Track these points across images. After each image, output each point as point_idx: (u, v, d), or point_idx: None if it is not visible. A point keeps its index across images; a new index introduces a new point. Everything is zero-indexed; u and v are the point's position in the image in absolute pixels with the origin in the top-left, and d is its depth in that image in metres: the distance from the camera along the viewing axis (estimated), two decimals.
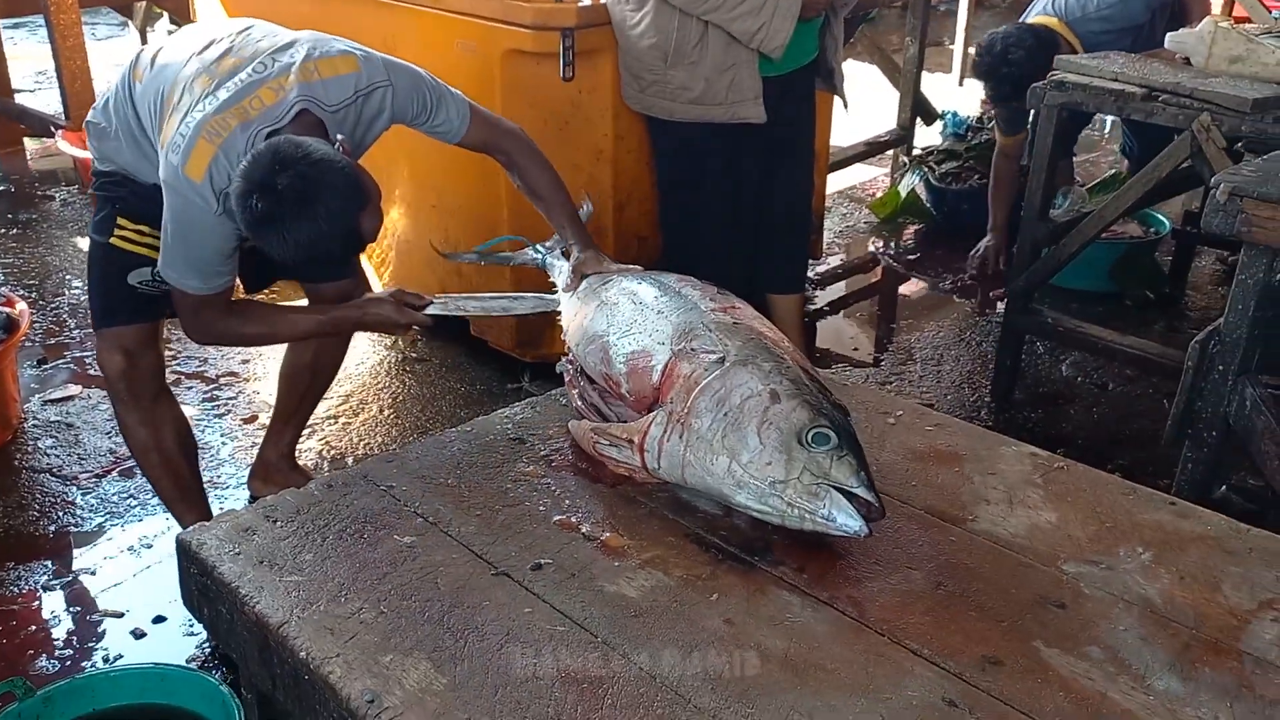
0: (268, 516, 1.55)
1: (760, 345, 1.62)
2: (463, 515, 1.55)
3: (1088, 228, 3.18)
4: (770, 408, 1.49)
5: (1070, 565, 1.45)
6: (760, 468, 1.45)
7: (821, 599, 1.38)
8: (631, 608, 1.36)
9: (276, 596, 1.38)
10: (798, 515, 1.43)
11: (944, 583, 1.41)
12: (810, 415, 1.48)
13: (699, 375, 1.57)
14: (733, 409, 1.51)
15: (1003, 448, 1.75)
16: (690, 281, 1.80)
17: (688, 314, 1.69)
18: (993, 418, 3.34)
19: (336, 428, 3.14)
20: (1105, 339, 3.23)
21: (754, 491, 1.46)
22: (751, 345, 1.62)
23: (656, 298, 1.75)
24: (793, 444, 1.45)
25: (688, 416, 1.54)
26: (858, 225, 5.09)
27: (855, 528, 1.41)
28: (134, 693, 1.87)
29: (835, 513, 1.41)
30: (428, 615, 1.34)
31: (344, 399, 3.30)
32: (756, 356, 1.58)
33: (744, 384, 1.53)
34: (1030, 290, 3.34)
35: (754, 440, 1.47)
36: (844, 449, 1.45)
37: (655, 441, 1.57)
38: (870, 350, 3.89)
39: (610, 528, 1.53)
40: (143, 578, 2.51)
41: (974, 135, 4.99)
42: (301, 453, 3.00)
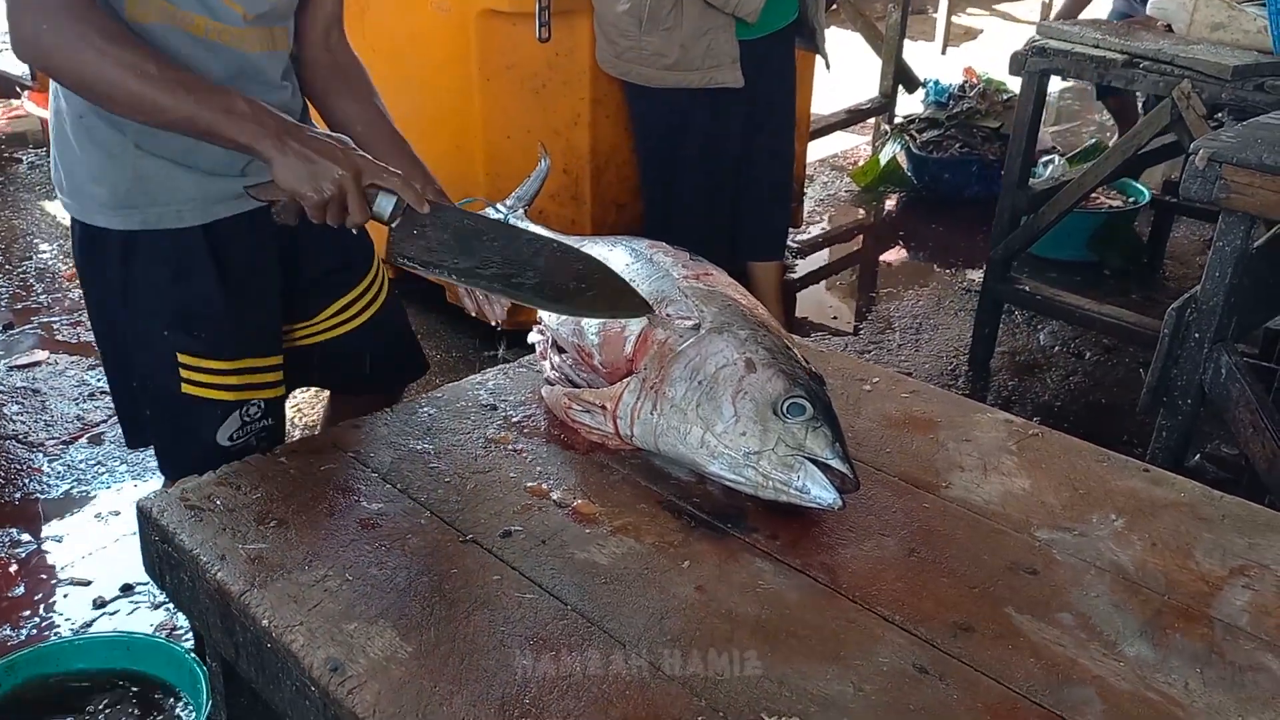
0: (230, 483, 1.52)
1: (736, 312, 1.60)
2: (432, 482, 1.53)
3: (1067, 196, 3.17)
4: (745, 377, 1.47)
5: (1043, 532, 1.45)
6: (734, 438, 1.44)
7: (794, 566, 1.37)
8: (602, 575, 1.35)
9: (238, 564, 1.36)
10: (772, 487, 1.42)
11: (917, 549, 1.41)
12: (786, 385, 1.46)
13: (674, 342, 1.55)
14: (707, 378, 1.49)
15: (978, 414, 1.74)
16: (662, 247, 1.78)
17: (660, 281, 1.67)
18: (970, 386, 3.34)
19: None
20: (1083, 308, 3.23)
21: (728, 462, 1.45)
22: (728, 312, 1.60)
23: (628, 265, 1.72)
24: (768, 414, 1.44)
25: (661, 385, 1.52)
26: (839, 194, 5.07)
27: (829, 500, 1.40)
28: (99, 660, 1.85)
29: (809, 485, 1.41)
30: (394, 583, 1.33)
31: None
32: (732, 324, 1.56)
33: (719, 352, 1.51)
34: (1009, 259, 3.33)
35: (728, 410, 1.45)
36: (819, 419, 1.44)
37: (628, 409, 1.55)
38: (849, 319, 3.88)
39: (582, 494, 1.51)
40: (110, 546, 2.49)
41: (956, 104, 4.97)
42: None
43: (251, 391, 1.70)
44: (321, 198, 1.39)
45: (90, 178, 1.57)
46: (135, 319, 1.63)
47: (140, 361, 1.67)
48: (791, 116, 3.38)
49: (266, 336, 1.74)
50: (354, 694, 1.16)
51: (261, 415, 1.72)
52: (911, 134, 4.97)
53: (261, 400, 1.72)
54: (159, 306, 1.62)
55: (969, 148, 4.82)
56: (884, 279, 4.30)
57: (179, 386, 1.64)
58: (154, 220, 1.58)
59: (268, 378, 1.73)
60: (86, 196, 1.58)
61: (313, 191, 1.39)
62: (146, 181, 1.56)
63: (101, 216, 1.58)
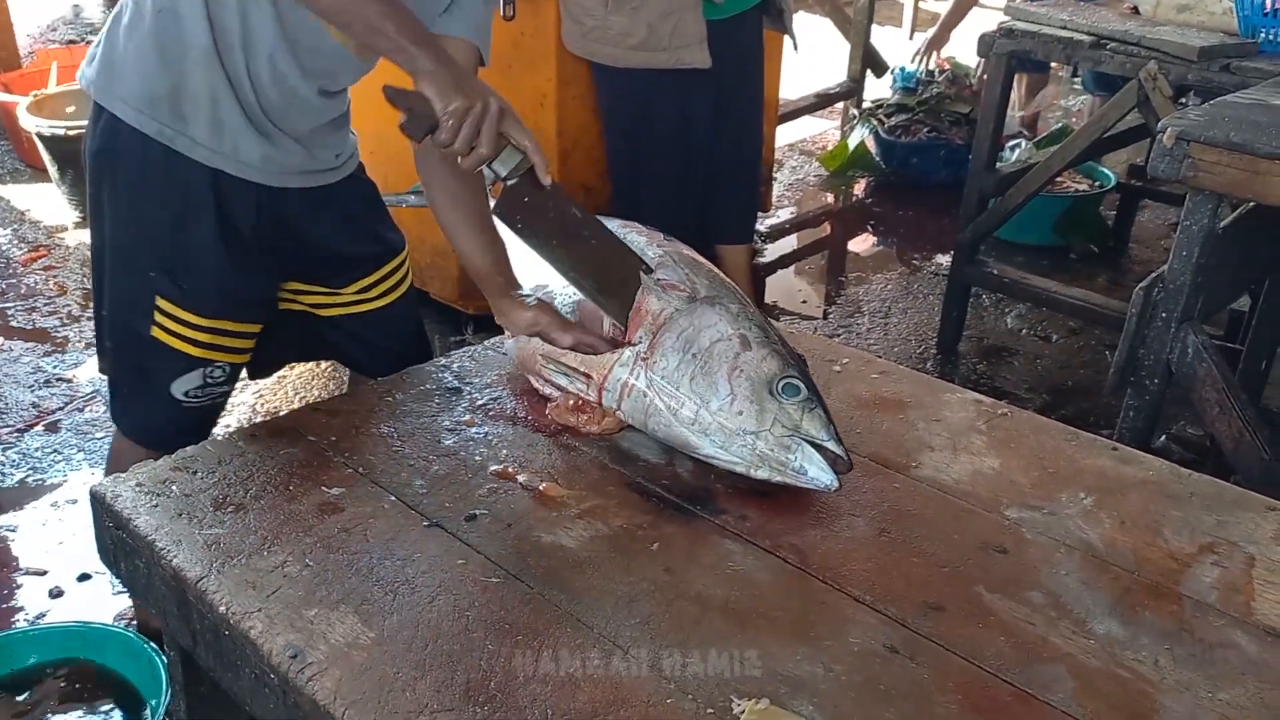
0: (187, 468, 1.49)
1: (724, 286, 1.59)
2: (394, 466, 1.51)
3: (1033, 180, 3.18)
4: (741, 354, 1.46)
5: (1012, 511, 1.44)
6: (731, 416, 1.43)
7: (764, 547, 1.36)
8: (569, 558, 1.33)
9: (195, 550, 1.33)
10: (768, 466, 1.41)
11: (887, 529, 1.40)
12: (780, 365, 1.46)
13: (669, 313, 1.53)
14: (701, 351, 1.47)
15: (947, 394, 1.73)
16: (634, 227, 1.76)
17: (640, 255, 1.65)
18: (938, 370, 3.35)
19: (270, 381, 3.06)
20: (1050, 290, 3.24)
21: (722, 440, 1.43)
22: (717, 284, 1.59)
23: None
24: (764, 394, 1.43)
25: (652, 355, 1.50)
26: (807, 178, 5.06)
27: (826, 481, 1.40)
28: (55, 651, 1.81)
29: (807, 466, 1.40)
30: (356, 568, 1.30)
31: None
32: (723, 297, 1.55)
33: (712, 325, 1.50)
34: (976, 242, 3.34)
35: (724, 387, 1.44)
36: (814, 401, 1.44)
37: (618, 383, 1.52)
38: (819, 304, 3.88)
39: (548, 477, 1.49)
40: (66, 535, 2.44)
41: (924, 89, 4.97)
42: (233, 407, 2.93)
43: (219, 353, 1.73)
44: (465, 109, 1.38)
45: (135, 69, 1.58)
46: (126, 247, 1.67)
47: (119, 290, 1.69)
48: (759, 98, 3.36)
49: (251, 305, 1.77)
50: (314, 681, 1.14)
51: (224, 378, 1.76)
52: (880, 119, 4.97)
53: (227, 364, 1.75)
54: (152, 245, 1.65)
55: (937, 132, 4.82)
56: (853, 263, 4.30)
57: (149, 329, 1.67)
58: (168, 136, 1.60)
59: (238, 343, 1.76)
60: (119, 82, 1.59)
61: (462, 100, 1.38)
62: (182, 99, 1.59)
63: (121, 106, 1.59)
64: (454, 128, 1.38)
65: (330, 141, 1.78)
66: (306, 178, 1.75)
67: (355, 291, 1.88)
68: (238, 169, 1.65)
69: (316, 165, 1.76)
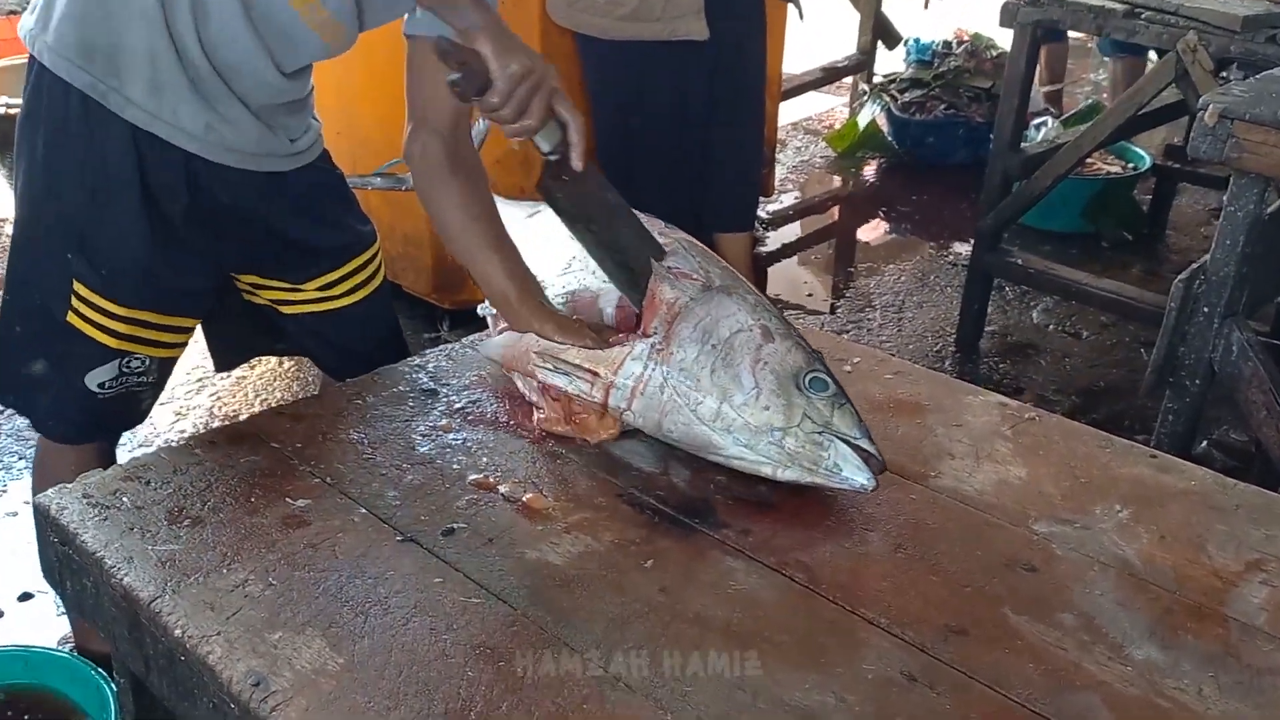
0: (139, 477, 1.48)
1: (736, 275, 1.61)
2: (365, 475, 1.50)
3: (1062, 161, 3.19)
4: (764, 346, 1.47)
5: (1041, 524, 1.44)
6: (756, 412, 1.43)
7: (768, 564, 1.36)
8: (556, 576, 1.33)
9: (148, 568, 1.32)
10: (798, 465, 1.42)
11: (903, 545, 1.40)
12: (805, 358, 1.47)
13: (684, 301, 1.53)
14: (721, 342, 1.48)
15: (969, 397, 1.74)
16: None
17: None
18: (957, 369, 3.36)
19: (229, 382, 3.06)
20: (1079, 282, 3.25)
21: (747, 437, 1.44)
22: (730, 274, 1.60)
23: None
24: (791, 388, 1.44)
25: (668, 346, 1.50)
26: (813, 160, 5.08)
27: (863, 480, 1.41)
28: None
29: (842, 464, 1.41)
30: (323, 587, 1.30)
31: None
32: (738, 285, 1.57)
33: (731, 315, 1.50)
34: (999, 229, 3.34)
35: (748, 380, 1.45)
36: (843, 397, 1.46)
37: (631, 379, 1.51)
38: (825, 297, 3.89)
39: (533, 488, 1.49)
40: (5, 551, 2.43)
41: (940, 62, 4.99)
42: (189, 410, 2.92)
43: (138, 345, 1.72)
44: (522, 74, 1.40)
45: (73, 14, 1.55)
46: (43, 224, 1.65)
47: (35, 271, 1.68)
48: (761, 73, 3.37)
49: (181, 296, 1.75)
50: (278, 710, 1.13)
51: (143, 370, 1.75)
52: (892, 94, 4.98)
53: (148, 357, 1.74)
54: (69, 224, 1.64)
55: (955, 109, 4.84)
56: (863, 253, 4.31)
57: (65, 314, 1.66)
58: (100, 91, 1.57)
59: (164, 337, 1.75)
60: (54, 29, 1.57)
61: (520, 64, 1.40)
62: (120, 53, 1.55)
63: (50, 55, 1.57)
64: (507, 91, 1.40)
65: (288, 124, 1.75)
66: (257, 160, 1.71)
67: (317, 288, 1.87)
68: (171, 134, 1.61)
69: (270, 148, 1.72)
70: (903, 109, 4.91)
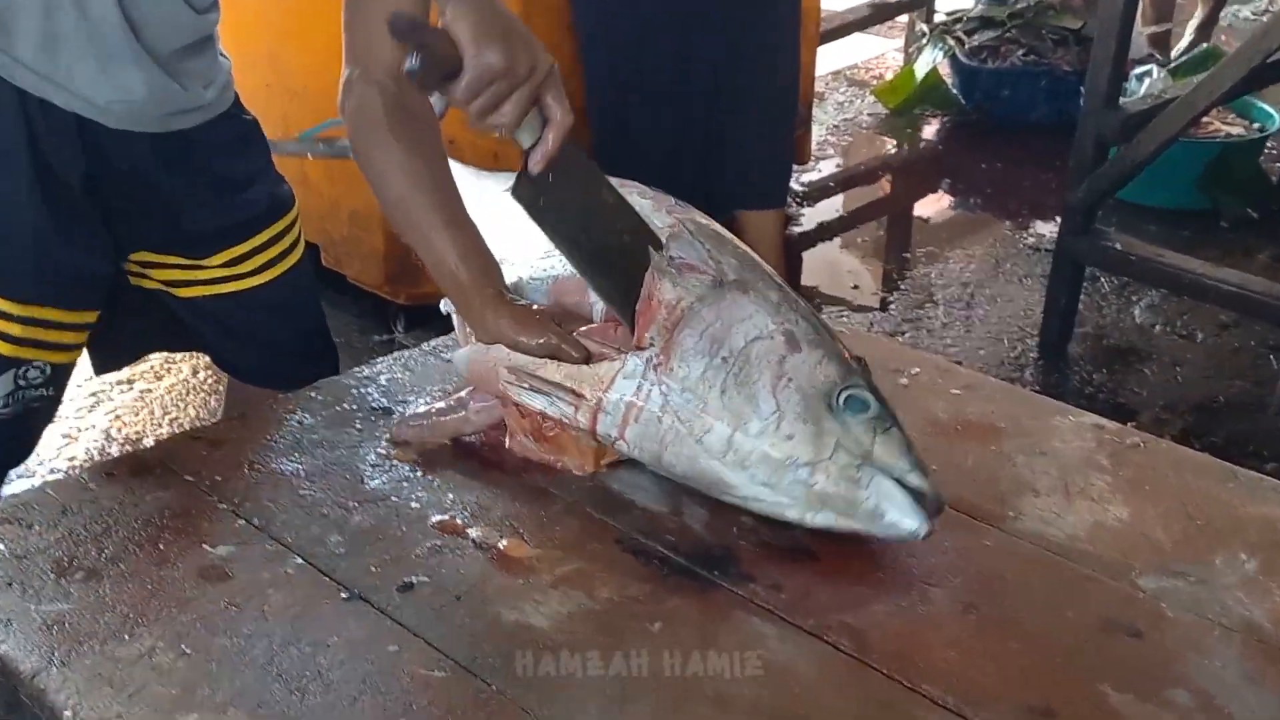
0: (19, 519, 1.48)
1: (757, 266, 1.59)
2: (301, 516, 1.51)
3: (1171, 120, 3.19)
4: (788, 358, 1.46)
5: (1148, 578, 1.44)
6: (778, 442, 1.42)
7: (806, 628, 1.36)
8: (539, 642, 1.33)
9: (31, 633, 1.32)
10: (831, 509, 1.42)
11: (975, 604, 1.40)
12: (841, 370, 1.46)
13: (689, 303, 1.52)
14: (734, 354, 1.47)
15: (1056, 418, 1.74)
16: (635, 187, 1.75)
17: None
18: (1041, 381, 3.36)
19: (131, 396, 3.07)
20: (1193, 272, 3.25)
21: (766, 474, 1.43)
22: (749, 264, 1.58)
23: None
24: (821, 411, 1.43)
25: (668, 360, 1.48)
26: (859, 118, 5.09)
27: (912, 527, 1.40)
28: None
29: (886, 506, 1.40)
30: (250, 657, 1.30)
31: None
32: (757, 281, 1.55)
33: (748, 318, 1.49)
34: (1092, 206, 3.35)
35: (767, 402, 1.44)
36: (888, 419, 1.44)
37: (622, 401, 1.50)
38: (876, 289, 3.90)
39: (511, 531, 1.49)
40: None
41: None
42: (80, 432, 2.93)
43: (38, 350, 1.75)
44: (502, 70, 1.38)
45: None
46: None
47: None
48: (795, 9, 3.37)
49: (83, 286, 1.78)
50: None
51: (42, 382, 1.77)
52: (958, 37, 4.99)
53: (47, 364, 1.77)
54: None
55: (1036, 55, 4.85)
56: (922, 234, 4.32)
57: None
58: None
59: (66, 337, 1.78)
60: None
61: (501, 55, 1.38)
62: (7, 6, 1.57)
63: None
64: (476, 87, 1.39)
65: (197, 68, 1.79)
66: (163, 121, 1.76)
67: (223, 264, 1.90)
68: (66, 100, 1.65)
69: (177, 104, 1.77)
70: (971, 55, 4.92)
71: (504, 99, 1.40)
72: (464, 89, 1.38)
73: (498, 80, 1.39)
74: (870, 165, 4.76)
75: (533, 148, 1.48)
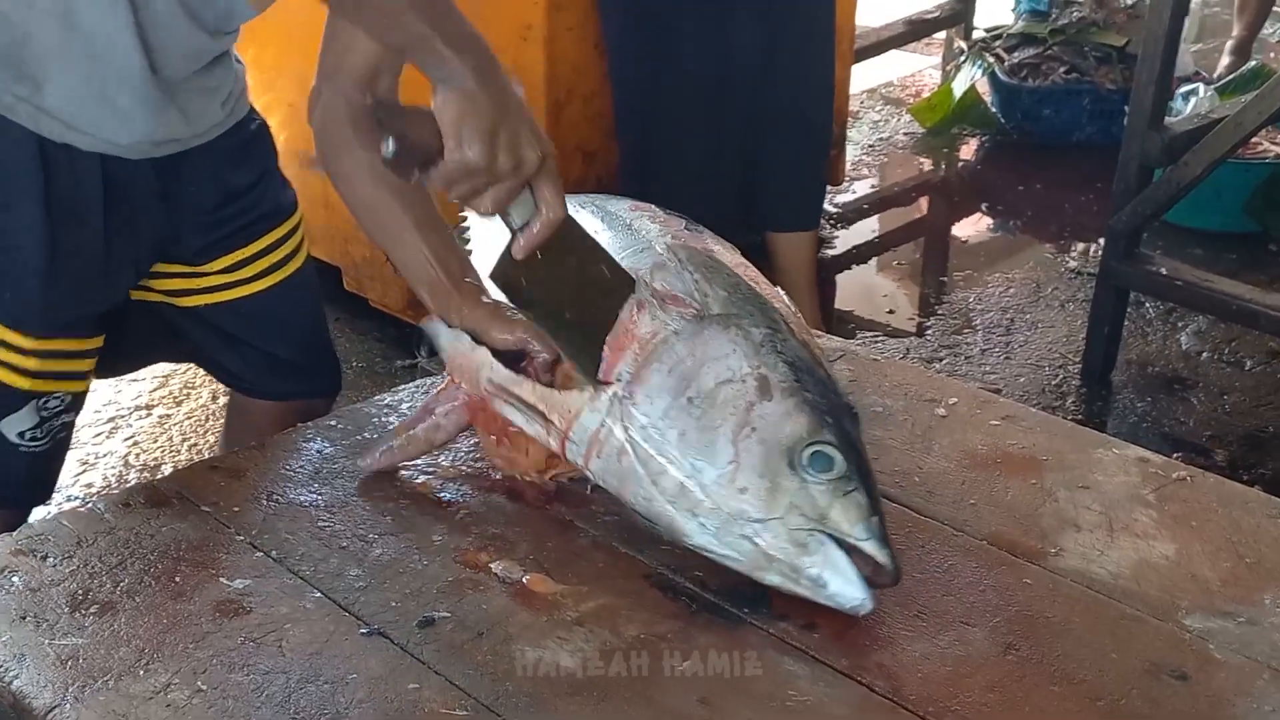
0: (34, 551, 1.49)
1: (751, 298, 1.57)
2: (320, 548, 1.51)
3: (1218, 142, 3.17)
4: (756, 405, 1.44)
5: (1195, 618, 1.43)
6: (730, 494, 1.41)
7: (839, 669, 1.35)
8: (565, 683, 1.33)
9: (45, 668, 1.33)
10: (776, 570, 1.40)
11: (1015, 645, 1.39)
12: (810, 424, 1.43)
13: (664, 336, 1.51)
14: (701, 395, 1.45)
15: (1099, 451, 1.73)
16: (648, 211, 1.76)
17: (639, 256, 1.64)
18: (1083, 410, 3.34)
19: (149, 422, 3.08)
20: (1241, 298, 3.23)
21: (714, 525, 1.42)
22: (739, 297, 1.56)
23: (597, 235, 1.69)
24: (780, 466, 1.41)
25: (634, 394, 1.48)
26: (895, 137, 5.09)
27: (855, 600, 1.38)
28: None
29: (827, 576, 1.38)
30: (266, 694, 1.30)
31: (161, 380, 3.24)
32: (744, 317, 1.53)
33: (722, 358, 1.48)
34: (1136, 229, 3.33)
35: (725, 450, 1.42)
36: (853, 480, 1.41)
37: (586, 434, 1.50)
38: (912, 313, 3.89)
39: (535, 565, 1.49)
40: None
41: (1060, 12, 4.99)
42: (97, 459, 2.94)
43: (56, 381, 1.78)
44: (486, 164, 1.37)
45: None
46: None
47: None
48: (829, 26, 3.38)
49: (95, 313, 1.80)
50: None
51: (63, 409, 1.80)
52: (998, 54, 4.98)
53: (67, 393, 1.80)
54: None
55: (1079, 73, 4.84)
56: (959, 257, 4.31)
57: None
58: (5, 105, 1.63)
59: (81, 365, 1.81)
60: None
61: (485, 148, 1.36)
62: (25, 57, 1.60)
63: None
64: (453, 179, 1.39)
65: (211, 83, 1.81)
66: (183, 143, 1.80)
67: (223, 269, 1.92)
68: (91, 145, 1.70)
69: (198, 127, 1.80)
70: (1011, 73, 4.91)
71: (481, 192, 1.40)
72: (439, 180, 1.39)
73: (476, 176, 1.38)
74: (906, 186, 4.75)
75: (522, 228, 1.47)
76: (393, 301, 3.42)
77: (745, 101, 3.25)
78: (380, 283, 3.41)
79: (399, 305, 3.40)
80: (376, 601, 1.43)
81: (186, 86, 1.75)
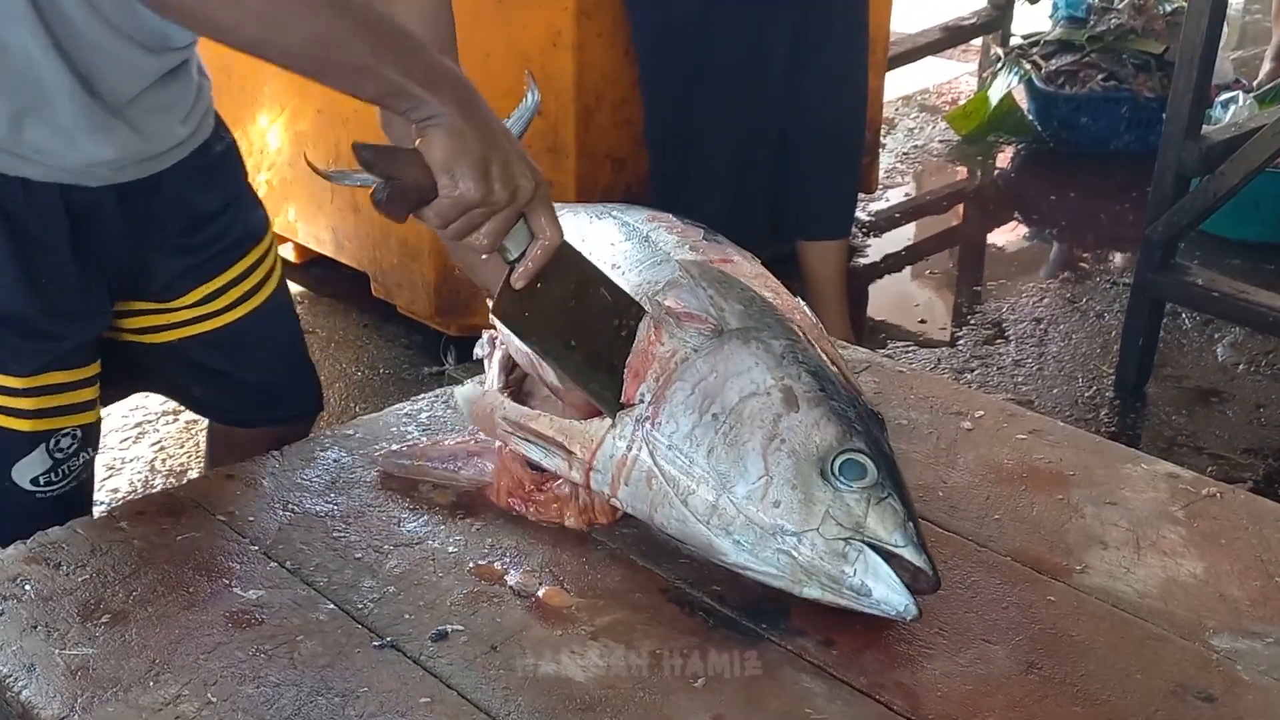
0: (47, 559, 1.49)
1: (767, 312, 1.57)
2: (336, 560, 1.51)
3: (1257, 150, 3.15)
4: (783, 417, 1.44)
5: (1223, 638, 1.42)
6: (764, 508, 1.41)
7: (858, 687, 1.34)
8: (578, 698, 1.32)
9: (54, 678, 1.33)
10: (816, 583, 1.39)
11: (1038, 663, 1.38)
12: (840, 433, 1.43)
13: (684, 354, 1.51)
14: (726, 410, 1.45)
15: (1127, 466, 1.72)
16: (665, 221, 1.75)
17: (654, 269, 1.63)
18: (1116, 423, 3.32)
19: (176, 427, 3.09)
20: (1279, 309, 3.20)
21: (750, 541, 1.41)
22: (755, 310, 1.56)
23: (612, 246, 1.69)
24: (812, 477, 1.41)
25: (658, 415, 1.48)
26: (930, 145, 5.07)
27: (899, 606, 1.37)
28: None
29: (871, 583, 1.37)
30: (278, 706, 1.30)
31: None
32: (763, 330, 1.53)
33: (744, 372, 1.48)
34: (1173, 239, 3.31)
35: (755, 465, 1.42)
36: (886, 487, 1.41)
37: (611, 461, 1.50)
38: (945, 323, 3.87)
39: (551, 579, 1.49)
40: None
41: (1098, 19, 4.96)
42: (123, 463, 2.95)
43: (59, 418, 1.74)
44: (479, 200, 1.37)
45: None
46: None
47: None
48: (862, 33, 3.37)
49: (81, 342, 1.76)
50: None
51: (77, 447, 1.76)
52: (1035, 61, 4.96)
53: (76, 428, 1.76)
54: None
55: (1117, 80, 4.81)
56: (993, 266, 4.29)
57: None
58: None
59: (83, 395, 1.76)
60: None
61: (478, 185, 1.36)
62: None
63: None
64: (449, 216, 1.38)
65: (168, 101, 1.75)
66: (146, 165, 1.74)
67: (194, 303, 1.87)
68: (45, 174, 1.64)
69: (157, 147, 1.74)
70: (1048, 80, 4.88)
71: (478, 226, 1.40)
72: (435, 218, 1.38)
73: (472, 210, 1.38)
74: (940, 194, 4.74)
75: (518, 259, 1.46)
76: (420, 308, 3.42)
77: (777, 108, 3.25)
78: (408, 289, 3.41)
79: (427, 312, 3.40)
80: (390, 614, 1.43)
81: (136, 105, 1.69)
